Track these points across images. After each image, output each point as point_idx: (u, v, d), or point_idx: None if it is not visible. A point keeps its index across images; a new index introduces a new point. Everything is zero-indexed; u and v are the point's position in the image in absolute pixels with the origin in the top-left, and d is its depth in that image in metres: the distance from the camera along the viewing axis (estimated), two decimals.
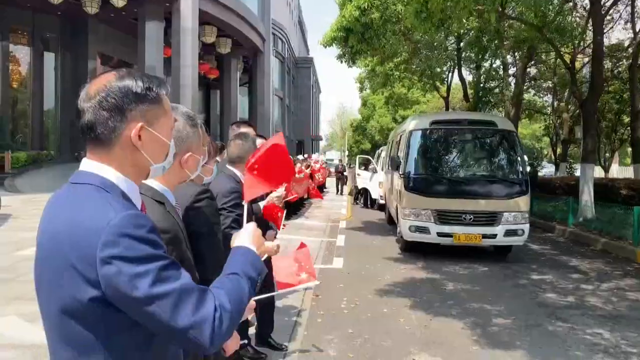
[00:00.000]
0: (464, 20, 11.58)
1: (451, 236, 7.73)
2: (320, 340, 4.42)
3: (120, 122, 1.09)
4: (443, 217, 7.80)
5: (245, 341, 3.76)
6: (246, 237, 1.32)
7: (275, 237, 3.71)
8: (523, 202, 7.93)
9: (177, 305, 1.00)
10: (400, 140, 10.04)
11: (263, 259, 1.42)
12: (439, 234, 7.82)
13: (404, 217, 8.11)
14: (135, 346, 1.06)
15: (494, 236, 7.74)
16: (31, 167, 18.60)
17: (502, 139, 8.58)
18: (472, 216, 7.72)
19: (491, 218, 7.74)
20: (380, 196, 14.86)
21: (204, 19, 20.98)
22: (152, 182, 1.50)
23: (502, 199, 7.84)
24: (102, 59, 22.95)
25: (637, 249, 8.16)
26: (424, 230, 7.89)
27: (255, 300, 1.56)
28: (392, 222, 11.14)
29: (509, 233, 7.76)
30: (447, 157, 8.71)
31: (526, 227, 7.86)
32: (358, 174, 17.22)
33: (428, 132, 8.65)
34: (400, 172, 8.40)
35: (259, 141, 3.59)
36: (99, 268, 0.97)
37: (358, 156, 22.09)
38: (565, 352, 4.24)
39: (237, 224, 2.49)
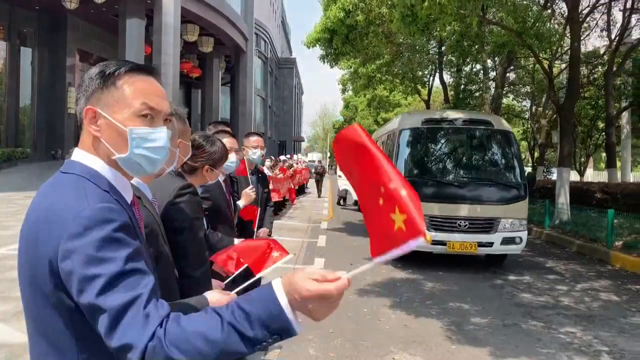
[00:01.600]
0: (447, 26, 11.74)
1: (445, 244, 7.19)
2: (301, 340, 4.42)
3: (82, 108, 1.11)
4: (436, 223, 7.24)
5: None
6: (297, 278, 0.94)
7: (270, 234, 3.75)
8: (521, 208, 7.48)
9: (113, 325, 0.92)
10: (387, 140, 9.54)
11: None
12: (433, 242, 7.28)
13: None
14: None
15: (490, 244, 7.24)
16: (5, 164, 18.18)
17: (499, 139, 8.06)
18: (467, 223, 7.22)
19: (487, 225, 7.25)
20: None
21: (187, 18, 20.82)
22: None
23: (499, 204, 7.36)
24: (81, 56, 22.56)
25: (611, 251, 8.37)
26: None
27: (237, 293, 1.54)
28: None
29: (506, 241, 7.27)
30: (439, 159, 8.13)
31: (524, 234, 7.41)
32: (339, 176, 17.32)
33: (419, 131, 8.08)
34: None
35: (226, 140, 3.60)
36: (60, 261, 0.96)
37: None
38: (539, 351, 4.33)
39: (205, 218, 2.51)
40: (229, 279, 2.05)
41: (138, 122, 1.09)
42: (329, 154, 53.03)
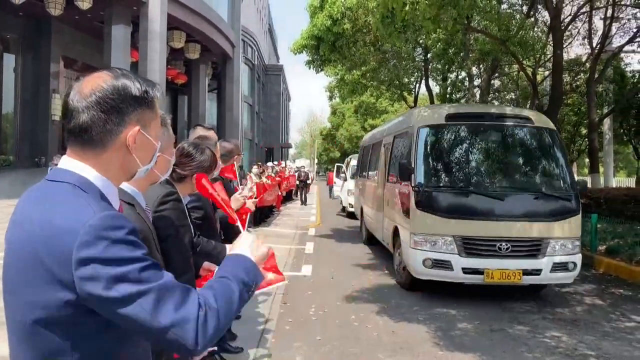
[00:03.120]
0: (431, 34, 11.87)
1: (481, 273, 5.68)
2: (289, 347, 4.40)
3: (117, 125, 1.07)
4: (471, 246, 5.79)
5: (215, 348, 3.72)
6: (245, 246, 1.25)
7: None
8: (574, 225, 6.04)
9: (157, 304, 0.97)
10: (393, 143, 7.94)
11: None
12: (465, 270, 5.74)
13: (415, 246, 5.97)
14: (104, 350, 1.03)
15: (537, 272, 5.75)
16: None
17: (541, 139, 6.63)
18: (509, 245, 5.72)
19: (534, 247, 5.82)
20: (350, 204, 15.00)
21: (173, 24, 20.73)
22: (123, 184, 1.46)
23: (548, 220, 5.90)
24: (66, 62, 22.32)
25: (594, 255, 8.48)
26: (443, 265, 5.80)
27: None
28: (372, 241, 9.67)
29: (557, 267, 5.82)
30: (470, 164, 6.60)
31: (578, 258, 6.00)
32: (334, 182, 17.37)
33: (443, 129, 6.62)
34: (413, 185, 6.09)
35: (225, 144, 3.59)
36: (75, 270, 0.94)
37: (336, 164, 22.15)
38: (526, 355, 4.36)
39: (195, 227, 2.49)
40: None
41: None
42: (316, 160, 53.10)
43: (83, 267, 0.94)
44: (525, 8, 13.86)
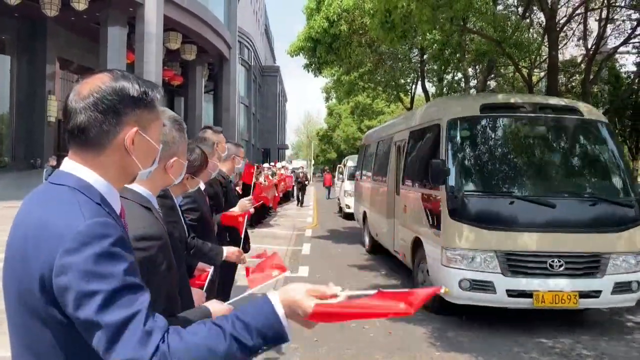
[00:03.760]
0: (427, 34, 11.90)
1: (529, 296, 4.76)
2: (285, 349, 4.40)
3: (114, 126, 1.06)
4: (517, 263, 4.86)
5: None
6: (296, 294, 1.03)
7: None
8: (638, 236, 5.08)
9: (113, 341, 0.92)
10: (409, 139, 6.87)
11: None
12: (510, 293, 4.81)
13: (449, 263, 5.00)
14: (93, 349, 1.02)
15: (596, 294, 4.84)
16: None
17: (594, 134, 5.71)
18: (562, 261, 4.81)
19: (592, 264, 4.91)
20: (347, 205, 15.03)
21: (169, 25, 20.73)
22: (137, 187, 1.47)
23: (607, 231, 4.99)
24: (61, 64, 22.27)
25: None
26: (484, 286, 4.84)
27: (230, 304, 1.56)
28: (377, 249, 8.80)
29: (619, 288, 4.87)
30: (515, 164, 5.58)
31: None
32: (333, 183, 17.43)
33: (478, 122, 5.64)
34: (448, 190, 5.10)
35: (228, 145, 3.59)
36: (54, 276, 0.94)
37: (338, 166, 22.16)
38: (522, 356, 4.38)
39: (191, 229, 2.49)
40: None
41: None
42: (312, 161, 53.10)
43: (61, 276, 0.94)
44: (520, 9, 13.92)
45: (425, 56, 18.36)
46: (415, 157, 6.60)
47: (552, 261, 4.81)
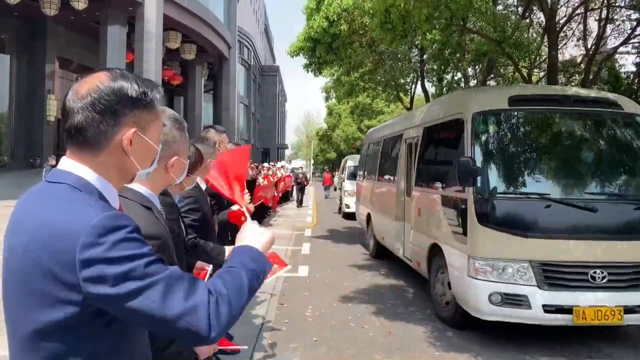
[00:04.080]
0: (427, 34, 11.90)
1: (569, 311, 4.25)
2: (285, 348, 4.40)
3: (112, 127, 1.05)
4: (554, 274, 4.37)
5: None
6: (251, 235, 1.26)
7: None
8: None
9: (165, 294, 0.96)
10: (423, 136, 6.30)
11: None
12: (547, 309, 4.30)
13: (477, 274, 4.47)
14: (105, 351, 1.03)
15: None
16: None
17: (636, 130, 5.13)
18: (605, 272, 4.32)
19: (639, 275, 4.42)
20: (346, 205, 15.04)
21: (169, 25, 20.71)
22: (138, 187, 1.47)
23: None
24: (61, 63, 22.25)
25: None
26: (517, 300, 4.35)
27: None
28: (383, 254, 8.42)
29: None
30: (550, 163, 5.05)
31: None
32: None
33: (508, 116, 5.07)
34: (477, 192, 4.58)
35: (230, 145, 3.58)
36: (79, 271, 0.93)
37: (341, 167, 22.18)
38: (523, 357, 4.37)
39: (192, 229, 2.48)
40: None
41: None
42: (312, 161, 53.08)
43: (88, 268, 0.93)
44: (520, 9, 13.92)
45: (425, 56, 18.37)
46: (433, 155, 6.20)
47: (594, 272, 4.31)
